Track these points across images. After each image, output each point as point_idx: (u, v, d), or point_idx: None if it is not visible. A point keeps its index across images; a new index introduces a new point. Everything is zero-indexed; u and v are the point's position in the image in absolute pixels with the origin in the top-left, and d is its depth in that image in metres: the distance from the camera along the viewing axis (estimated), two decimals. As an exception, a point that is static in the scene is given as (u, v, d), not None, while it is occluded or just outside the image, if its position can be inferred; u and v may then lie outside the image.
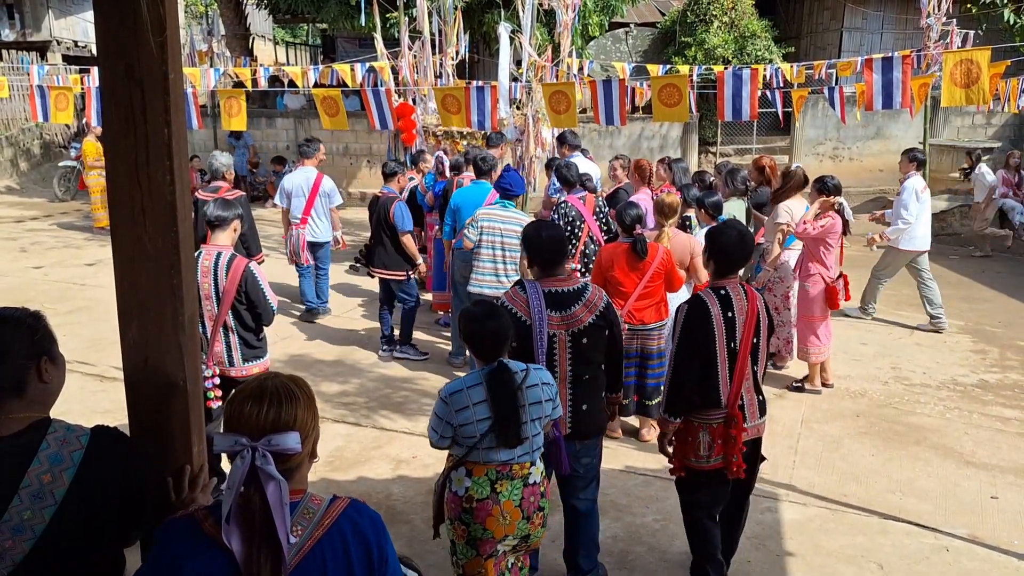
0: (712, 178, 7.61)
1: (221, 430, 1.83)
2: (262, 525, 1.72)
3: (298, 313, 8.50)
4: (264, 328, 4.74)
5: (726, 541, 4.01)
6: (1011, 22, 14.38)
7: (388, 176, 7.39)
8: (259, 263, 4.93)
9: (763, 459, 4.04)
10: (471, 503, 3.12)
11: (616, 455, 5.40)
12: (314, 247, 8.28)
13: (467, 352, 5.68)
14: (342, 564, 1.81)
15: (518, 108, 10.13)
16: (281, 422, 1.78)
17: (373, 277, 7.37)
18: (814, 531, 4.57)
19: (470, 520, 3.13)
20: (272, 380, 1.86)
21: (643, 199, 7.10)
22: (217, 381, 4.61)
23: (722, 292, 3.67)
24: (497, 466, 3.14)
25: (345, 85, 12.53)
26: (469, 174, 7.51)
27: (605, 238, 6.84)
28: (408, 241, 7.06)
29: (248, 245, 6.64)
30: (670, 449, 3.84)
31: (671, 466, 3.89)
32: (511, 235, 6.25)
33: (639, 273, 5.35)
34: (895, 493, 5.00)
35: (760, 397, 3.84)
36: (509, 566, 3.30)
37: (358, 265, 10.13)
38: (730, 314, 3.64)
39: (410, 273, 7.22)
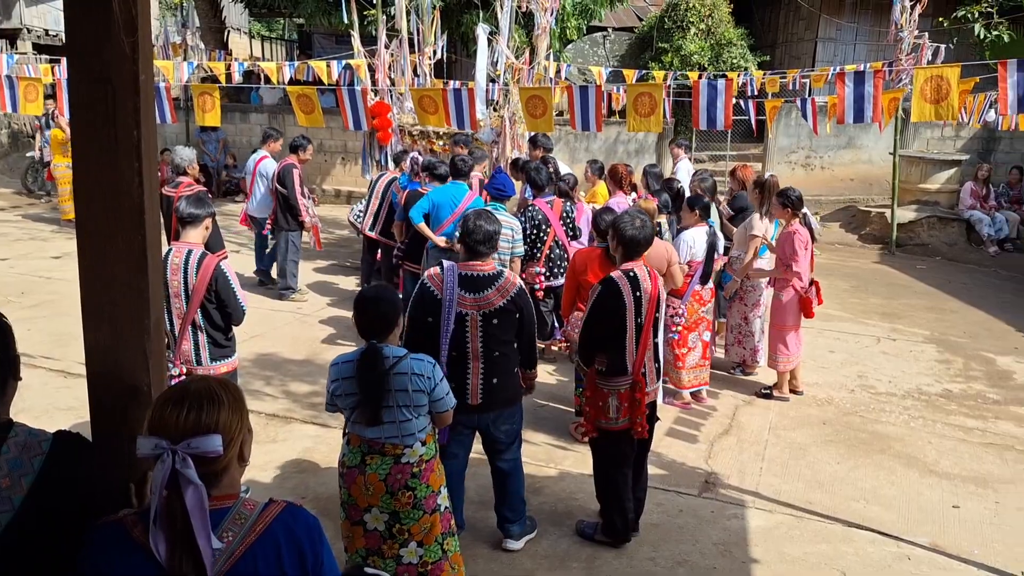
0: (680, 184, 7.66)
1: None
2: (183, 530, 1.70)
3: (261, 307, 8.46)
4: (233, 327, 4.69)
5: (632, 501, 4.49)
6: (981, 36, 14.63)
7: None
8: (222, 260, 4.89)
9: (658, 419, 4.66)
10: (343, 468, 3.46)
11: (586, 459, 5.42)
12: (254, 220, 9.31)
13: None
14: (274, 570, 1.79)
15: (495, 110, 10.12)
16: (202, 425, 1.76)
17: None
18: (779, 538, 4.61)
19: (342, 484, 3.47)
20: (196, 383, 1.84)
21: (620, 204, 7.13)
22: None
23: (631, 274, 4.22)
24: (369, 441, 3.38)
25: (321, 82, 12.44)
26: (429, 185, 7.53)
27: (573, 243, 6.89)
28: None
29: (209, 242, 6.60)
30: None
31: (584, 430, 4.54)
32: (502, 239, 6.24)
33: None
34: (859, 501, 5.06)
35: (657, 365, 4.44)
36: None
37: (347, 264, 10.22)
38: (638, 293, 4.20)
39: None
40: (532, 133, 8.78)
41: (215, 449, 1.74)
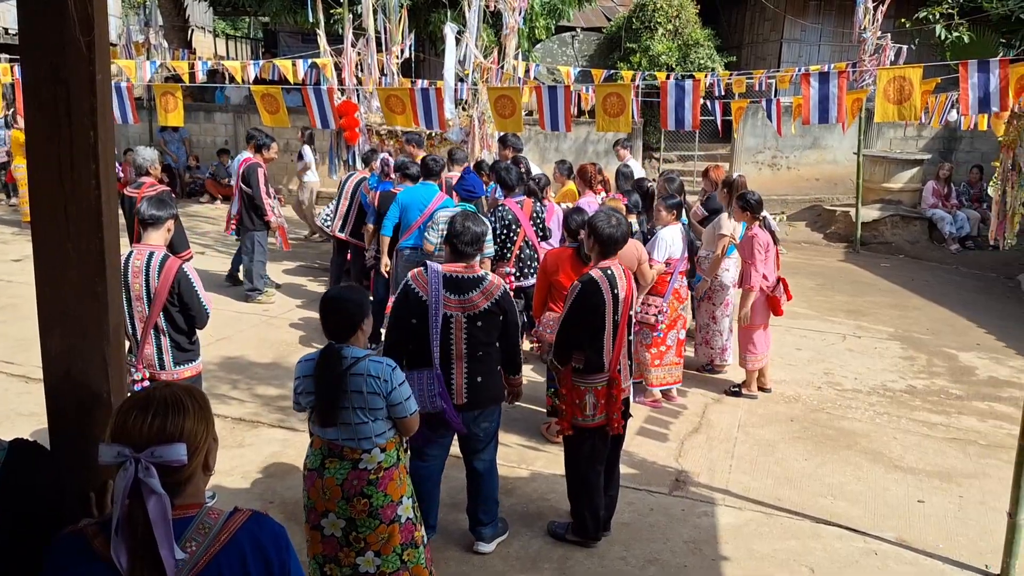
0: (650, 184, 7.69)
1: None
2: (145, 539, 1.67)
3: (227, 309, 8.37)
4: (197, 330, 4.62)
5: (605, 499, 4.51)
6: (942, 38, 14.87)
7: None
8: (187, 260, 4.81)
9: (630, 416, 4.68)
10: (305, 471, 3.47)
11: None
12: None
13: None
14: None
15: (464, 109, 10.09)
16: (167, 433, 1.72)
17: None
18: (749, 535, 4.65)
19: (303, 486, 3.47)
20: (162, 390, 1.80)
21: (591, 204, 7.14)
22: (147, 384, 4.48)
23: (608, 272, 4.27)
24: (329, 442, 3.38)
25: (287, 81, 12.31)
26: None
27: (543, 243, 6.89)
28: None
29: (173, 242, 6.52)
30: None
31: (559, 428, 4.49)
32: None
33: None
34: (827, 497, 5.12)
35: (630, 362, 4.52)
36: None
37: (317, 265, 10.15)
38: (616, 291, 4.25)
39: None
40: (502, 133, 8.77)
41: (179, 458, 1.71)
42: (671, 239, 6.26)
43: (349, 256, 8.71)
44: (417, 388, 3.98)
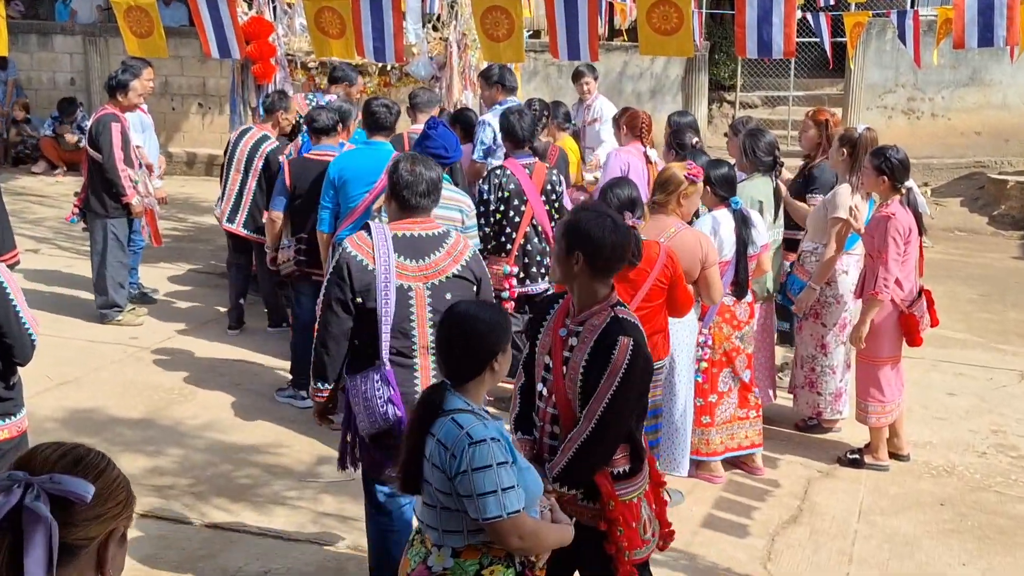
0: (698, 140, 7.65)
1: None
2: None
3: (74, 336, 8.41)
4: (17, 369, 4.61)
5: None
6: None
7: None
8: (11, 266, 4.81)
9: None
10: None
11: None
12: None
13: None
14: None
15: (435, 30, 10.12)
16: (79, 468, 1.94)
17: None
18: None
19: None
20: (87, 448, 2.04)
21: (629, 159, 7.15)
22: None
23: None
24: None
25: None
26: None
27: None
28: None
29: None
30: None
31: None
32: (448, 225, 6.18)
33: (629, 287, 5.34)
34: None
35: None
36: None
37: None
38: None
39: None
40: (490, 64, 8.77)
41: (84, 495, 1.87)
42: (716, 228, 6.22)
43: (255, 259, 8.71)
44: (362, 398, 4.34)
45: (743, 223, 6.22)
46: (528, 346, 4.20)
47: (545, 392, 3.98)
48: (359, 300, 4.34)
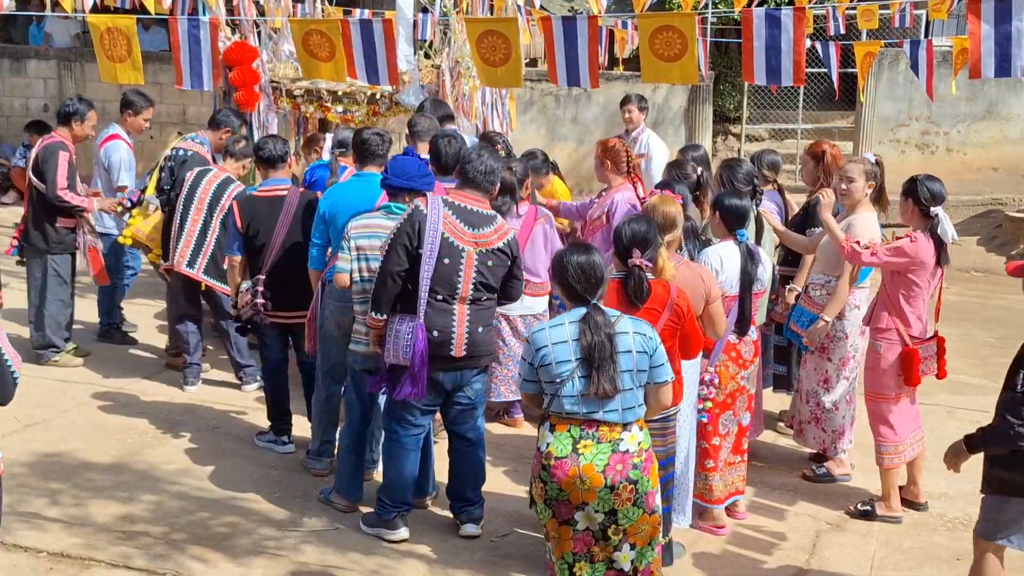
0: (697, 172, 7.67)
1: None
2: None
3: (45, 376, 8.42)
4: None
5: None
6: None
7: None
8: None
9: None
10: (549, 460, 4.57)
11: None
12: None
13: (334, 454, 6.77)
14: None
15: (427, 57, 10.15)
16: None
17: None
18: None
19: (547, 478, 4.58)
20: None
21: (628, 200, 7.15)
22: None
23: None
24: (581, 423, 4.56)
25: (145, 9, 12.34)
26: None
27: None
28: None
29: None
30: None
31: None
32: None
33: None
34: None
35: None
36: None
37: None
38: None
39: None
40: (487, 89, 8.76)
41: None
42: (720, 263, 6.19)
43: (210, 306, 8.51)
44: (395, 333, 5.53)
45: (749, 257, 6.22)
46: None
47: None
48: (421, 251, 5.45)
